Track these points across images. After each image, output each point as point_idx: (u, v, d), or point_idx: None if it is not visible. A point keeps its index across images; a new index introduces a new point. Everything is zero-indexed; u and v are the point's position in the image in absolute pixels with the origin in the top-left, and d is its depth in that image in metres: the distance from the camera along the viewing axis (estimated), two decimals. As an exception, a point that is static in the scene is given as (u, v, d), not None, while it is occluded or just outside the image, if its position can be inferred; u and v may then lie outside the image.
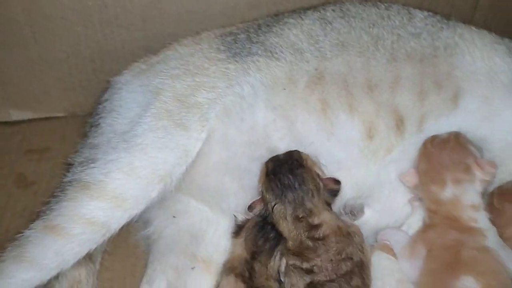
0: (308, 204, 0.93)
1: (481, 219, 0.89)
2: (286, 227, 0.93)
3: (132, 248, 1.09)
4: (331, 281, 0.88)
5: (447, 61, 1.02)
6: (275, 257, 0.94)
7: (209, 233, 1.04)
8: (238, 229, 0.99)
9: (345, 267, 0.88)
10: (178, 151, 0.97)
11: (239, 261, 0.95)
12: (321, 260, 0.89)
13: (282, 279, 0.92)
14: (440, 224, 0.90)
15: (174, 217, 1.04)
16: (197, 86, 1.03)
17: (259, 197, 0.98)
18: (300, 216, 0.92)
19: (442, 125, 0.99)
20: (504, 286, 0.82)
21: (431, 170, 0.94)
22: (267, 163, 0.99)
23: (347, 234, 0.92)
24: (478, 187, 0.91)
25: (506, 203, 0.93)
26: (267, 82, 1.03)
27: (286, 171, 0.95)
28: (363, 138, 1.00)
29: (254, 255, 0.95)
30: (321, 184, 0.96)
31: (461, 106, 1.00)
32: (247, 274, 0.93)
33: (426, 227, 0.92)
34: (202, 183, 1.03)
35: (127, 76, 1.14)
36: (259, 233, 0.97)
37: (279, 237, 0.95)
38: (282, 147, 1.02)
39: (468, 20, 1.38)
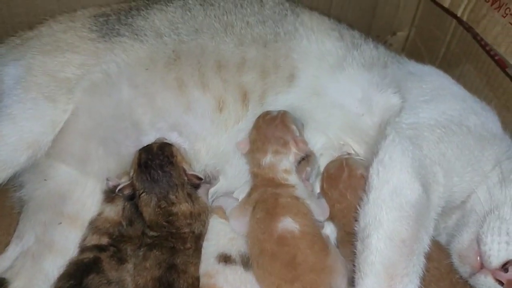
0: (172, 197, 1.08)
1: (291, 179, 1.09)
2: (147, 212, 1.08)
3: (7, 210, 1.20)
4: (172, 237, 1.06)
5: (286, 45, 1.20)
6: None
7: (76, 193, 1.15)
8: (111, 194, 1.13)
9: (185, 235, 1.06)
10: (45, 121, 1.09)
11: (111, 223, 1.10)
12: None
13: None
14: (260, 185, 1.09)
15: (45, 180, 1.14)
16: (67, 62, 1.14)
17: (129, 181, 1.11)
18: (162, 206, 1.08)
19: (280, 99, 1.19)
20: (313, 223, 1.03)
21: (258, 141, 1.12)
22: (140, 152, 1.12)
23: (197, 215, 1.09)
24: (291, 158, 1.11)
25: (331, 188, 1.13)
26: (131, 62, 1.15)
27: (157, 166, 1.09)
28: (214, 111, 1.16)
29: (131, 223, 1.11)
30: (185, 179, 1.11)
31: (295, 84, 1.19)
32: (117, 233, 1.09)
33: (251, 190, 1.11)
34: (70, 149, 1.14)
35: (1, 50, 1.21)
36: (133, 207, 1.12)
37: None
38: (145, 121, 1.16)
39: (327, 7, 1.57)
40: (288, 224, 1.00)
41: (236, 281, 1.00)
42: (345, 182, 1.11)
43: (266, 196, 1.06)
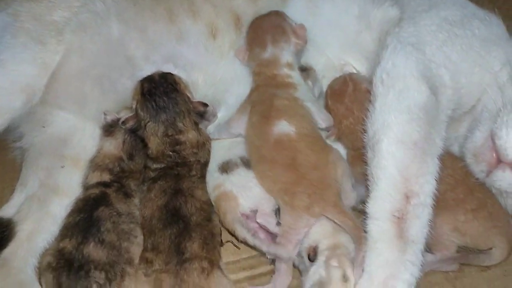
0: (179, 125, 1.06)
1: (294, 76, 1.06)
2: (154, 141, 1.06)
3: (10, 164, 1.18)
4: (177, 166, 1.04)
5: None
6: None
7: (76, 136, 1.13)
8: (110, 128, 1.10)
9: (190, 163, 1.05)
10: (37, 64, 1.06)
11: (110, 158, 1.07)
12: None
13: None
14: (262, 85, 1.06)
15: (43, 127, 1.12)
16: (53, 6, 1.12)
17: (132, 113, 1.09)
18: (170, 134, 1.05)
19: None
20: (311, 126, 1.00)
21: (255, 37, 1.10)
22: (142, 82, 1.09)
23: (202, 145, 1.08)
24: (292, 48, 1.08)
25: (337, 104, 1.10)
26: None
27: (162, 93, 1.06)
28: (208, 38, 1.13)
29: (131, 157, 1.08)
30: (191, 106, 1.09)
31: (289, 5, 1.16)
32: (117, 168, 1.06)
33: (251, 91, 1.08)
34: (65, 93, 1.12)
35: (-13, 2, 1.19)
36: (135, 140, 1.09)
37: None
38: (138, 55, 1.13)
39: None
40: (283, 127, 0.97)
41: (241, 181, 0.99)
42: (351, 96, 1.07)
43: (264, 97, 1.03)
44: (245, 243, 0.98)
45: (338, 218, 0.90)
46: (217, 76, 1.15)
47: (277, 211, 0.97)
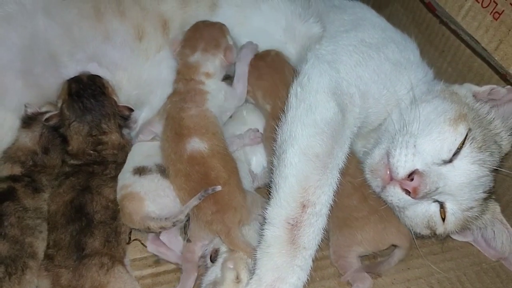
0: (104, 126, 1.10)
1: (209, 85, 1.11)
2: (77, 140, 1.08)
3: None
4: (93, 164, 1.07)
5: None
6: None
7: None
8: (29, 120, 1.11)
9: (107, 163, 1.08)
10: None
11: (23, 151, 1.08)
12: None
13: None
14: (177, 93, 1.11)
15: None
16: None
17: (57, 111, 1.10)
18: (94, 134, 1.08)
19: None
20: (223, 145, 1.04)
21: (192, 38, 1.14)
22: (70, 82, 1.10)
23: (123, 147, 1.12)
24: (217, 62, 1.13)
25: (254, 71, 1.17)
26: None
27: (89, 95, 1.09)
28: (134, 40, 1.15)
29: (46, 151, 1.09)
30: (117, 109, 1.12)
31: (218, 13, 1.20)
32: (30, 162, 1.07)
33: (171, 94, 1.13)
34: (-16, 82, 1.11)
35: None
36: (53, 135, 1.11)
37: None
38: (63, 52, 1.14)
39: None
40: (195, 144, 1.01)
41: (152, 186, 1.01)
42: (271, 63, 1.16)
43: (175, 111, 1.07)
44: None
45: (229, 245, 0.95)
46: (142, 77, 1.18)
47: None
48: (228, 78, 1.20)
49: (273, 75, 1.15)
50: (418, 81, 1.13)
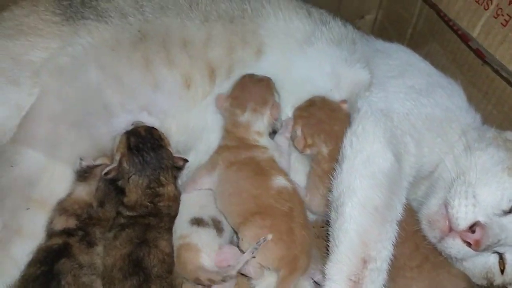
0: (162, 179, 1.09)
1: (262, 141, 1.12)
2: (136, 193, 1.08)
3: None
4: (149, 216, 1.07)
5: (253, 22, 1.20)
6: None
7: (44, 178, 1.13)
8: (84, 173, 1.12)
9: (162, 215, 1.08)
10: (10, 105, 1.07)
11: (80, 204, 1.08)
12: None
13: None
14: (232, 146, 1.10)
15: (11, 166, 1.11)
16: (30, 45, 1.12)
17: (115, 165, 1.09)
18: (152, 186, 1.08)
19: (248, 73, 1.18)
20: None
21: (240, 97, 1.13)
22: (128, 136, 1.10)
23: (175, 199, 1.11)
24: (265, 119, 1.13)
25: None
26: (96, 44, 1.14)
27: (149, 149, 1.09)
28: (182, 88, 1.16)
29: (101, 204, 1.10)
30: (173, 161, 1.12)
31: (263, 59, 1.20)
32: (85, 215, 1.07)
33: (221, 148, 1.12)
34: (38, 133, 1.12)
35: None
36: (108, 188, 1.11)
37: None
38: (115, 102, 1.15)
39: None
40: (281, 181, 1.03)
41: (210, 240, 1.01)
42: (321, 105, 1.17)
43: (242, 159, 1.07)
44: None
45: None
46: (189, 124, 1.18)
47: None
48: (274, 133, 1.19)
49: (329, 116, 1.15)
50: (467, 127, 1.12)
